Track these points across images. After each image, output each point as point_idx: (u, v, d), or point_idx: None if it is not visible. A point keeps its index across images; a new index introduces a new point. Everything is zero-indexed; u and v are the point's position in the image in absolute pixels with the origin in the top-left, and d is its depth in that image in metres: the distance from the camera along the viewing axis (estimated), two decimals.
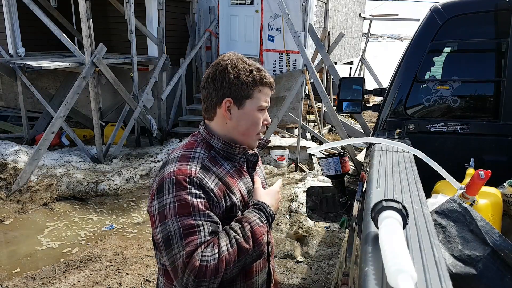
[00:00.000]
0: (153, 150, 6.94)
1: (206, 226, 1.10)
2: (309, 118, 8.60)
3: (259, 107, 1.23)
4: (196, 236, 1.08)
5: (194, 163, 1.18)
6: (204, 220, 1.10)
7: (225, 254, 1.08)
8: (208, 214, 1.12)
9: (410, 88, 2.18)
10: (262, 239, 1.15)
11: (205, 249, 1.08)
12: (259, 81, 1.21)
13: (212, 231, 1.11)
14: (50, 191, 5.13)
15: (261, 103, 1.23)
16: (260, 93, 1.22)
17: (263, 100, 1.24)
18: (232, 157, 1.27)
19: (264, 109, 1.26)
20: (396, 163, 1.42)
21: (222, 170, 1.23)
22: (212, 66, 1.24)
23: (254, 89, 1.21)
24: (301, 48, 6.14)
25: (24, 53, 6.46)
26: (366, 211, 0.94)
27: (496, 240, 1.03)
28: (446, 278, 0.69)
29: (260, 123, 1.26)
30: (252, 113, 1.23)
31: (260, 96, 1.23)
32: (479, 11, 2.10)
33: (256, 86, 1.21)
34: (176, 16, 7.79)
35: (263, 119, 1.26)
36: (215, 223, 1.13)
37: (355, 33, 12.87)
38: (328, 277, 3.51)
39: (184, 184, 1.11)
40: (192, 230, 1.08)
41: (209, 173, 1.18)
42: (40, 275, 3.50)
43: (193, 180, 1.13)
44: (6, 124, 7.80)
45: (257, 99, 1.22)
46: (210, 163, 1.22)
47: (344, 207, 1.86)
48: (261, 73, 1.22)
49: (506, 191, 1.53)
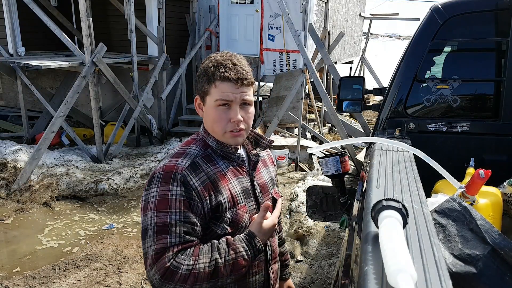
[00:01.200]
0: (153, 149, 6.95)
1: (178, 227, 1.10)
2: (309, 117, 8.60)
3: (215, 102, 1.18)
4: (167, 236, 1.09)
5: (185, 159, 1.19)
6: (178, 220, 1.11)
7: (200, 271, 1.08)
8: (184, 214, 1.12)
9: (410, 88, 2.18)
10: (242, 271, 1.15)
11: (180, 253, 1.09)
12: (213, 76, 1.17)
13: (185, 232, 1.11)
14: (50, 190, 5.13)
15: (216, 97, 1.18)
16: (216, 88, 1.18)
17: (219, 95, 1.17)
18: (229, 156, 1.26)
19: (226, 105, 1.18)
20: (396, 163, 1.42)
21: (214, 169, 1.22)
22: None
23: (210, 85, 1.19)
24: (301, 47, 6.13)
25: (24, 53, 6.46)
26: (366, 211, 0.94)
27: (496, 239, 1.03)
28: (446, 277, 0.69)
29: (221, 120, 1.19)
30: (211, 110, 1.20)
31: (216, 91, 1.18)
32: (479, 10, 2.10)
33: (212, 82, 1.18)
34: (176, 15, 7.79)
35: (228, 117, 1.19)
36: (190, 223, 1.12)
37: (355, 33, 12.86)
38: (328, 277, 3.52)
39: (168, 180, 1.14)
40: (164, 228, 1.10)
41: (197, 171, 1.18)
42: (40, 274, 3.50)
43: (177, 177, 1.14)
44: (6, 123, 7.80)
45: (214, 95, 1.18)
46: (203, 160, 1.21)
47: (344, 206, 1.86)
48: (218, 68, 1.17)
49: (506, 190, 1.53)
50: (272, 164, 1.49)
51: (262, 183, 1.36)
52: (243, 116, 1.21)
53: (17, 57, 6.35)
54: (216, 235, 1.20)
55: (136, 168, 5.88)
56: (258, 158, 1.34)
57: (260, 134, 1.40)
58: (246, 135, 1.29)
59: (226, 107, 1.19)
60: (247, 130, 1.26)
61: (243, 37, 8.29)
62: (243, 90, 1.19)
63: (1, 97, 8.79)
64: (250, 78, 1.21)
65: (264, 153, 1.46)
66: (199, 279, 1.08)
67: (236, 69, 1.18)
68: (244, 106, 1.22)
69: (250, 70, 1.23)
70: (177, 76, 7.38)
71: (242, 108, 1.21)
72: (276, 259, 1.41)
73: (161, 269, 1.07)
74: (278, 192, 1.45)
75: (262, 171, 1.39)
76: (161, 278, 1.07)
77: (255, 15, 8.01)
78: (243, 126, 1.22)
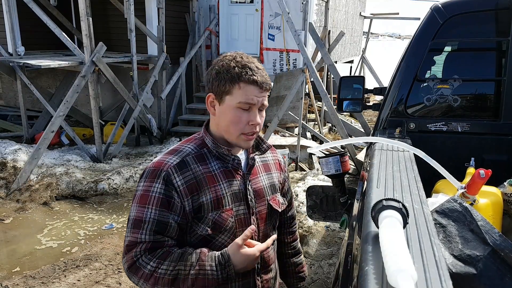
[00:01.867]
0: (153, 149, 6.94)
1: (150, 225, 1.13)
2: (309, 117, 8.60)
3: (238, 104, 1.17)
4: (139, 231, 1.13)
5: (175, 157, 1.20)
6: (152, 218, 1.13)
7: (160, 275, 1.10)
8: (160, 212, 1.14)
9: (411, 87, 2.18)
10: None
11: (148, 252, 1.12)
12: (240, 77, 1.16)
13: (156, 231, 1.13)
14: (50, 190, 5.12)
15: (240, 100, 1.16)
16: (240, 90, 1.16)
17: (244, 98, 1.16)
18: (224, 157, 1.24)
19: (247, 108, 1.18)
20: (397, 162, 1.41)
21: (204, 169, 1.20)
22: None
23: (233, 86, 1.16)
24: (301, 47, 6.13)
25: (23, 52, 6.45)
26: (366, 210, 0.94)
27: (496, 240, 1.02)
28: (446, 278, 0.69)
29: (241, 122, 1.18)
30: (231, 110, 1.18)
31: (240, 93, 1.16)
32: (480, 10, 2.10)
33: (236, 82, 1.16)
34: (176, 14, 7.78)
35: (247, 119, 1.19)
36: (164, 223, 1.14)
37: (356, 32, 12.86)
38: (328, 277, 3.51)
39: (154, 176, 1.16)
40: (139, 223, 1.14)
41: (184, 169, 1.18)
42: (39, 274, 3.50)
43: (162, 174, 1.16)
44: (6, 123, 7.80)
45: (237, 96, 1.17)
46: (194, 159, 1.21)
47: (344, 206, 1.86)
48: (245, 70, 1.16)
49: (506, 190, 1.53)
50: (279, 170, 1.43)
51: (257, 188, 1.31)
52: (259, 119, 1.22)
53: (16, 56, 6.35)
54: (196, 235, 1.19)
55: (135, 168, 5.88)
56: (254, 162, 1.31)
57: (262, 138, 1.38)
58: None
59: (247, 109, 1.19)
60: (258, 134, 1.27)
61: (243, 37, 8.28)
62: (264, 94, 1.21)
63: (1, 97, 8.79)
64: (270, 83, 1.24)
65: (271, 157, 1.42)
66: (159, 283, 1.10)
67: (261, 73, 1.19)
68: (260, 110, 1.23)
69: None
70: (177, 76, 7.37)
71: (259, 112, 1.22)
72: (268, 268, 1.36)
73: (129, 260, 1.13)
74: (278, 200, 1.38)
75: (261, 175, 1.34)
76: (128, 269, 1.14)
77: (255, 15, 8.01)
78: (258, 129, 1.23)
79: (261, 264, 1.32)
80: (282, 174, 1.45)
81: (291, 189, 1.58)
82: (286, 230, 1.56)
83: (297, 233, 1.63)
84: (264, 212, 1.32)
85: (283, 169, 1.47)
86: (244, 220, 1.25)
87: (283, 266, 1.57)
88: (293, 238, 1.59)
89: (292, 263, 1.58)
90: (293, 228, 1.59)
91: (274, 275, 1.41)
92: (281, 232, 1.54)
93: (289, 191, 1.54)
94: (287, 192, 1.51)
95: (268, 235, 1.34)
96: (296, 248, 1.60)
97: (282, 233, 1.55)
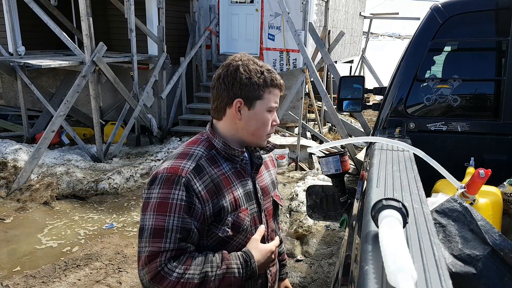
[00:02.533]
0: (153, 149, 6.95)
1: (175, 233, 1.10)
2: (309, 117, 8.60)
3: (269, 108, 1.24)
4: (162, 240, 1.10)
5: (189, 161, 1.18)
6: (175, 226, 1.11)
7: (188, 281, 1.08)
8: (183, 219, 1.12)
9: (411, 87, 2.18)
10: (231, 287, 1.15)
11: (173, 260, 1.10)
12: (270, 82, 1.22)
13: (180, 239, 1.11)
14: (50, 189, 5.13)
15: (271, 104, 1.24)
16: (270, 94, 1.23)
17: (273, 101, 1.24)
18: (233, 158, 1.25)
19: (273, 110, 1.26)
20: (396, 162, 1.42)
21: (218, 171, 1.21)
22: (223, 67, 1.23)
23: (264, 91, 1.21)
24: (301, 46, 6.13)
25: (24, 52, 6.45)
26: (366, 210, 0.94)
27: (496, 240, 1.02)
28: (446, 277, 0.69)
29: (269, 124, 1.26)
30: (262, 114, 1.23)
31: (270, 97, 1.23)
32: (480, 10, 2.10)
33: (267, 87, 1.21)
34: (176, 14, 7.78)
35: (272, 119, 1.26)
36: (187, 230, 1.12)
37: (356, 32, 12.86)
38: (328, 276, 3.52)
39: (172, 183, 1.13)
40: (161, 232, 1.10)
41: (201, 173, 1.17)
42: (40, 273, 3.51)
43: (181, 180, 1.13)
44: (6, 122, 7.80)
45: (267, 100, 1.22)
46: (207, 162, 1.21)
47: (344, 206, 1.86)
48: (272, 74, 1.23)
49: (506, 190, 1.53)
50: (273, 166, 1.49)
51: (263, 185, 1.35)
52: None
53: (17, 56, 6.35)
54: (214, 237, 1.20)
55: (136, 167, 5.88)
56: (261, 161, 1.33)
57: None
58: None
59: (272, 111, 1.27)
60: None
61: (243, 37, 8.28)
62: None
63: (1, 97, 8.79)
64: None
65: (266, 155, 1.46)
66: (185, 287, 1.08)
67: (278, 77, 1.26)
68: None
69: None
70: (177, 76, 7.37)
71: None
72: (274, 261, 1.41)
73: (152, 271, 1.08)
74: (278, 195, 1.45)
75: (264, 173, 1.38)
76: (151, 280, 1.09)
77: (255, 14, 8.00)
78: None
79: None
80: (275, 169, 1.52)
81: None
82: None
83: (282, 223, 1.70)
84: (270, 208, 1.38)
85: (275, 164, 1.54)
86: (257, 218, 1.30)
87: None
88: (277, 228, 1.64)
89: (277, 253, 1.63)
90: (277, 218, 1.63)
91: (277, 268, 1.48)
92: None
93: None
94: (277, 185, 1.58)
95: (274, 230, 1.41)
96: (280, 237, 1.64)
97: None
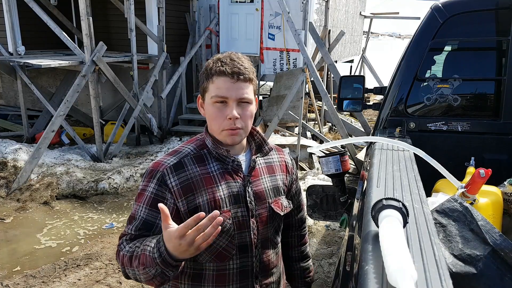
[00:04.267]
0: (153, 148, 6.95)
1: (138, 222, 1.16)
2: (309, 116, 8.60)
3: (212, 99, 1.16)
4: (130, 226, 1.18)
5: (173, 157, 1.21)
6: (141, 217, 1.16)
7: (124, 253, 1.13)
8: (149, 211, 1.16)
9: (411, 87, 2.18)
10: (141, 266, 1.06)
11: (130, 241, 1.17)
12: (214, 71, 1.15)
13: (141, 229, 1.16)
14: (50, 189, 5.13)
15: (215, 93, 1.14)
16: (213, 84, 1.15)
17: (215, 91, 1.14)
18: (224, 159, 1.21)
19: (223, 102, 1.15)
20: (397, 162, 1.41)
21: (202, 170, 1.19)
22: None
23: (208, 82, 1.17)
24: (301, 46, 6.13)
25: (24, 52, 6.45)
26: (367, 210, 0.94)
27: (497, 240, 1.02)
28: (446, 277, 0.69)
29: (218, 116, 1.16)
30: (209, 107, 1.18)
31: (213, 88, 1.15)
32: (480, 9, 2.10)
33: (210, 78, 1.16)
34: (176, 14, 7.78)
35: (225, 114, 1.15)
36: (150, 223, 1.15)
37: (356, 32, 12.85)
38: (328, 276, 3.52)
39: (151, 176, 1.19)
40: (131, 219, 1.19)
41: (180, 170, 1.17)
42: (40, 273, 3.51)
43: (157, 174, 1.17)
44: (6, 122, 7.80)
45: (211, 91, 1.16)
46: (192, 160, 1.20)
47: (344, 205, 1.86)
48: (216, 63, 1.15)
49: (506, 189, 1.53)
50: (285, 172, 1.36)
51: (258, 190, 1.26)
52: (240, 113, 1.16)
53: (17, 56, 6.35)
54: None
55: (136, 167, 5.88)
56: (255, 165, 1.27)
57: (265, 140, 1.34)
58: (245, 135, 1.24)
59: (223, 104, 1.15)
60: (246, 130, 1.21)
61: (243, 36, 8.28)
62: (239, 86, 1.15)
63: (1, 96, 8.79)
64: (247, 73, 1.16)
65: (276, 159, 1.36)
66: (124, 262, 1.13)
67: (233, 64, 1.14)
68: (242, 104, 1.17)
69: (249, 67, 1.19)
70: (177, 75, 7.37)
71: (239, 106, 1.16)
72: (269, 272, 1.31)
73: (117, 248, 1.20)
74: (281, 203, 1.32)
75: (263, 177, 1.29)
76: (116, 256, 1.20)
77: (255, 14, 8.00)
78: (239, 125, 1.17)
79: (260, 267, 1.28)
80: (288, 176, 1.38)
81: (301, 191, 1.52)
82: (294, 233, 1.52)
83: (307, 237, 1.59)
84: (264, 215, 1.26)
85: (290, 171, 1.40)
86: (243, 222, 1.21)
87: (289, 269, 1.53)
88: (301, 242, 1.54)
89: (298, 267, 1.54)
90: (302, 232, 1.54)
91: (276, 279, 1.35)
92: (288, 234, 1.50)
93: (298, 193, 1.49)
94: (295, 195, 1.45)
95: (269, 239, 1.29)
96: (304, 252, 1.56)
97: (290, 236, 1.51)
